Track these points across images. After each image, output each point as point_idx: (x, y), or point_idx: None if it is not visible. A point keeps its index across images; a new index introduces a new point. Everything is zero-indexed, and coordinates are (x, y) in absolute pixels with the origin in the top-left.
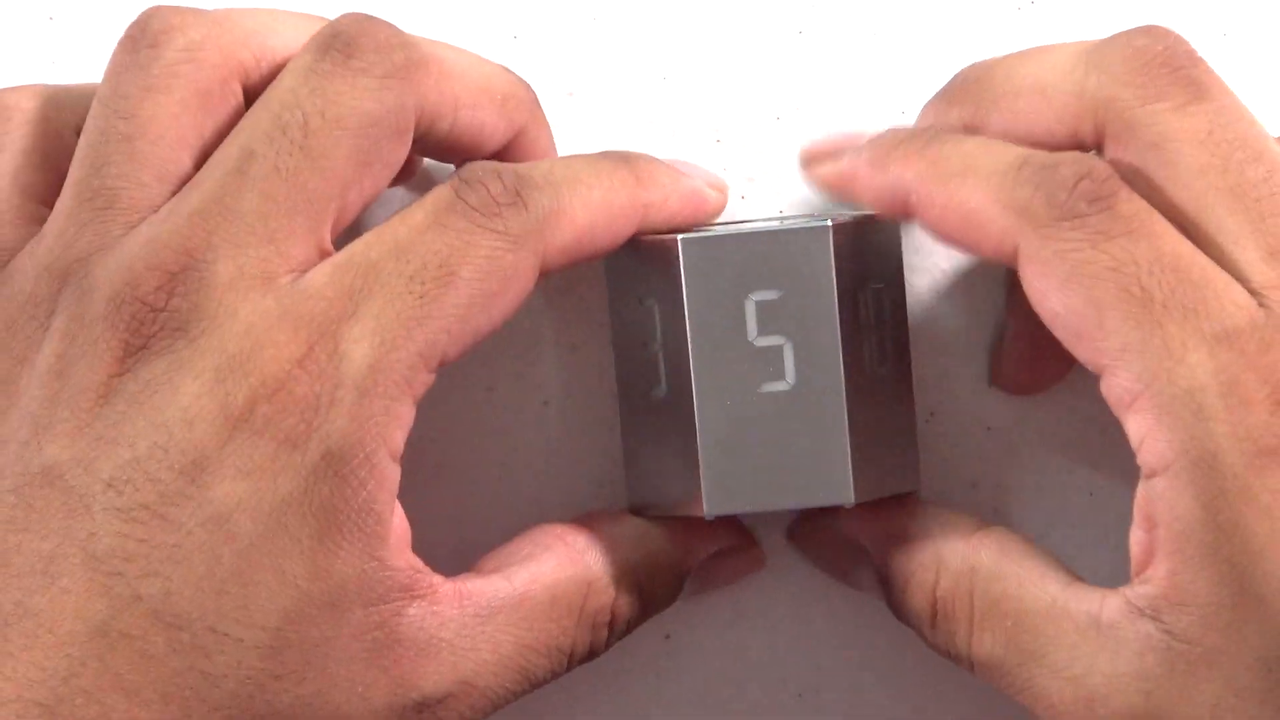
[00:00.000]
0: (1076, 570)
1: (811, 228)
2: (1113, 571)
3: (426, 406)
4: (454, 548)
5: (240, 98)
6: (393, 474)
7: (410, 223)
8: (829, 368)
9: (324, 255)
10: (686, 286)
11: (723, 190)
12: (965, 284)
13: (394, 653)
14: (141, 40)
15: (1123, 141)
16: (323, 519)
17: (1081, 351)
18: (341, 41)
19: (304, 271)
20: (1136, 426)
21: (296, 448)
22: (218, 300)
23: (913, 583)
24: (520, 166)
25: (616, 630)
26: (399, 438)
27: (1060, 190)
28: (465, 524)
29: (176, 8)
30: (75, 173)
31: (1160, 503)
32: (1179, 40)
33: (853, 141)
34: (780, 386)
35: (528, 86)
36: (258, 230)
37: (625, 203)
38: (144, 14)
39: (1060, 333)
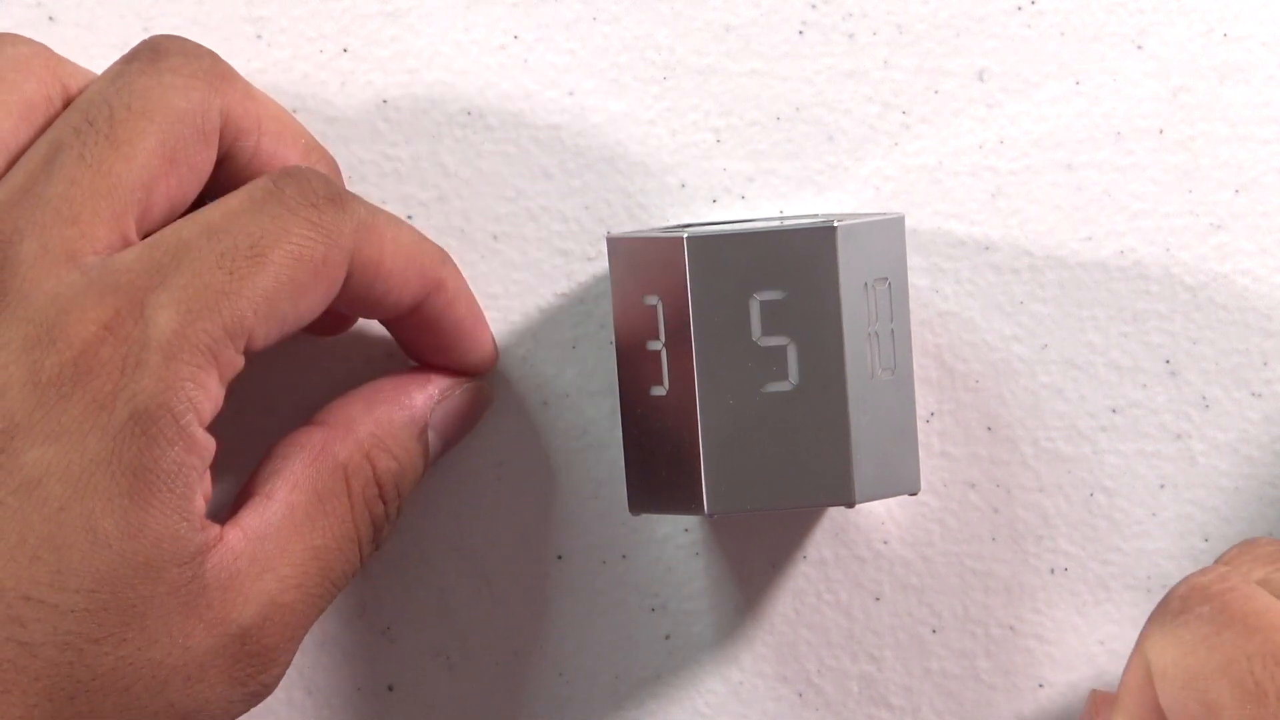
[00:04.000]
0: (1076, 572)
1: (816, 228)
2: (1111, 572)
3: None
4: (454, 547)
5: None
6: (203, 440)
7: (225, 207)
8: (832, 368)
9: (129, 243)
10: (691, 285)
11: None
12: (966, 284)
13: (205, 599)
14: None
15: None
16: (133, 478)
17: None
18: (149, 48)
19: (110, 253)
20: None
21: (104, 409)
22: (23, 276)
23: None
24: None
25: (390, 500)
26: (207, 407)
27: (1172, 591)
28: (465, 524)
29: (8, 33)
30: None
31: None
32: None
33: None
34: (783, 387)
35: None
36: (62, 213)
37: (425, 270)
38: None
39: None
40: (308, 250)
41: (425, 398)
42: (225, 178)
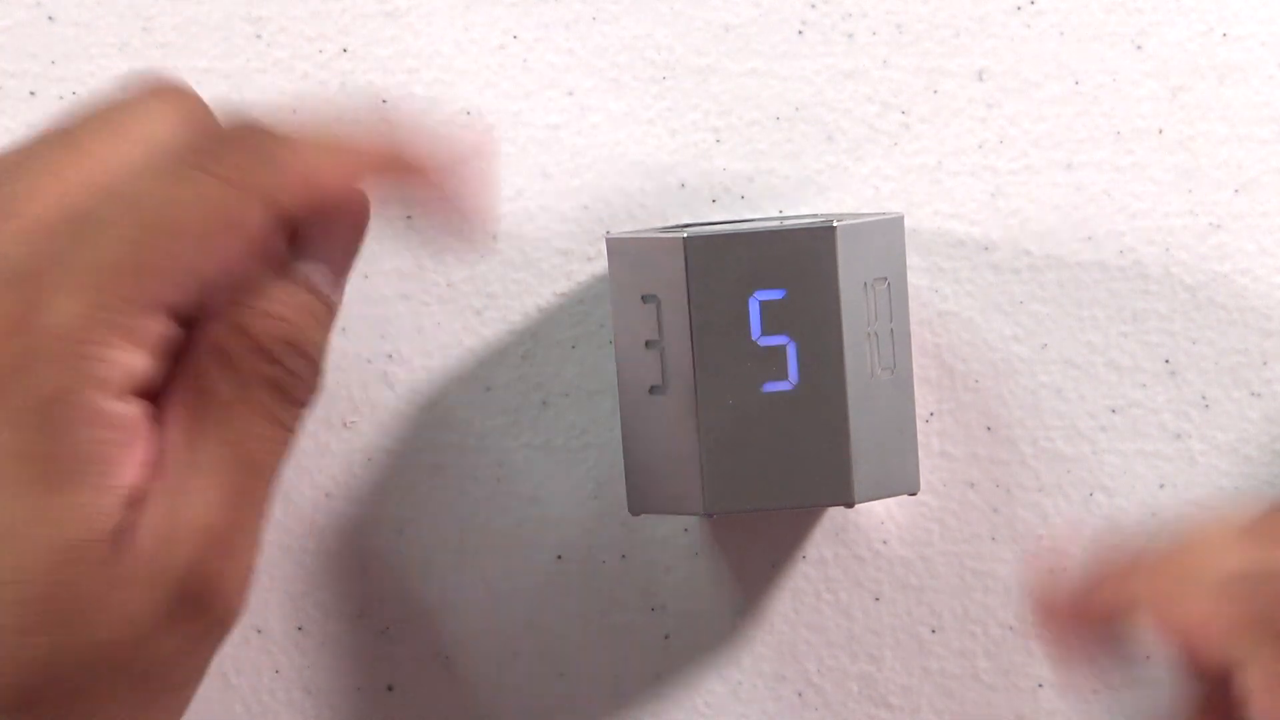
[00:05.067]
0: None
1: (816, 227)
2: None
3: (425, 405)
4: (454, 548)
5: None
6: (121, 412)
7: (135, 173)
8: (832, 368)
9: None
10: (690, 285)
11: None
12: (966, 284)
13: (139, 564)
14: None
15: None
16: (42, 466)
17: None
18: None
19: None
20: None
21: (8, 399)
22: None
23: None
24: (262, 120)
25: (287, 358)
26: (123, 380)
27: (1275, 607)
28: (465, 524)
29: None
30: None
31: None
32: None
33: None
34: (783, 386)
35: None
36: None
37: (368, 154)
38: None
39: None
40: (216, 203)
41: (276, 236)
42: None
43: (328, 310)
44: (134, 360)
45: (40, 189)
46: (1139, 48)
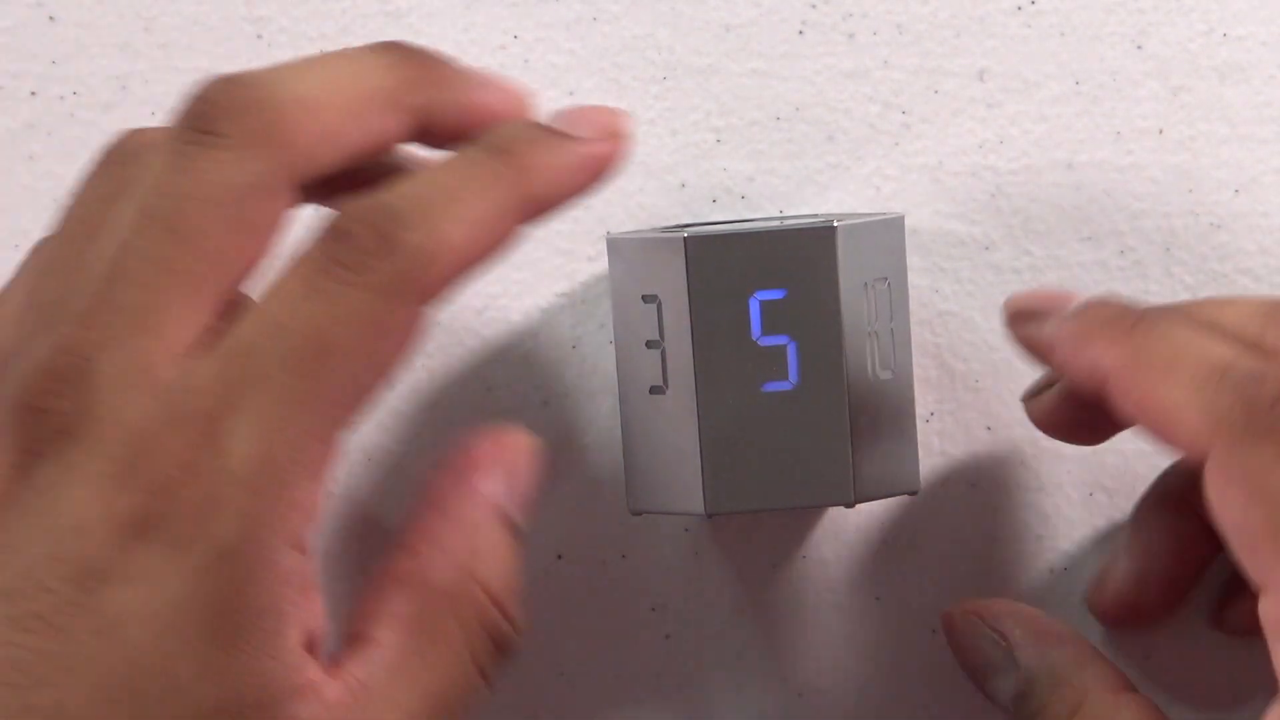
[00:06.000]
0: (1076, 572)
1: (816, 227)
2: None
3: (425, 405)
4: None
5: None
6: (293, 565)
7: (285, 294)
8: (832, 368)
9: (213, 333)
10: (691, 284)
11: (618, 136)
12: (966, 284)
13: None
14: (115, 154)
15: None
16: (215, 620)
17: (1248, 563)
18: (197, 118)
19: (192, 355)
20: None
21: (185, 551)
22: (102, 401)
23: (1047, 713)
24: (392, 197)
25: (509, 608)
26: (300, 525)
27: (1261, 405)
28: None
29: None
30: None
31: None
32: None
33: (1060, 302)
34: (783, 386)
35: (408, 58)
36: (137, 322)
37: (509, 207)
38: (120, 135)
39: (1232, 540)
40: (373, 318)
41: (493, 483)
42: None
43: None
44: (313, 497)
45: (161, 304)
46: (1139, 48)
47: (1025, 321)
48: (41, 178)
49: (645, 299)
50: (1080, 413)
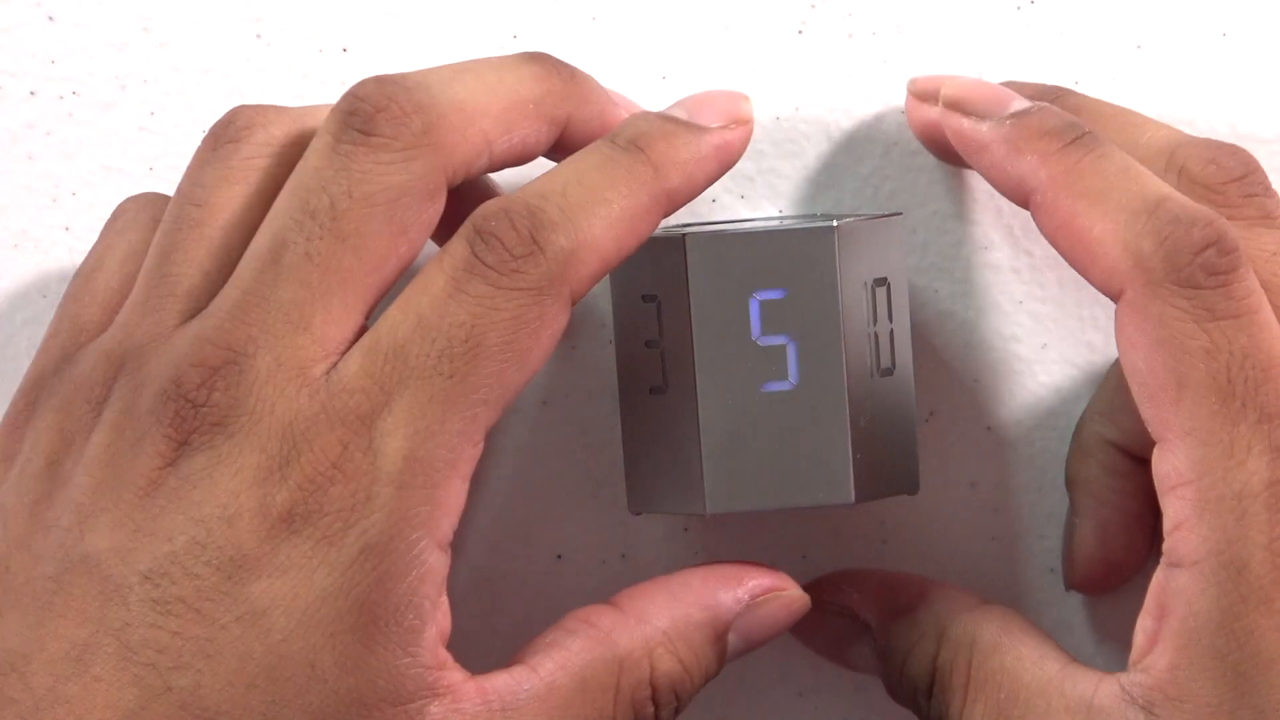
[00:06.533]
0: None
1: (816, 228)
2: None
3: None
4: (454, 548)
5: None
6: (438, 564)
7: (432, 292)
8: (831, 368)
9: (362, 332)
10: (691, 284)
11: (744, 122)
12: (966, 283)
13: None
14: (223, 136)
15: None
16: (359, 614)
17: (1147, 413)
18: (359, 118)
19: (345, 354)
20: (1175, 512)
21: (334, 545)
22: (256, 396)
23: (914, 652)
24: (533, 198)
25: (664, 704)
26: (446, 524)
27: (1183, 253)
28: (464, 524)
29: (260, 106)
30: (148, 260)
31: (1178, 595)
32: (1258, 167)
33: (1001, 102)
34: (783, 386)
35: (556, 70)
36: (294, 319)
37: (648, 203)
38: (229, 112)
39: (1134, 386)
40: (522, 319)
41: (733, 600)
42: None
43: (716, 672)
44: (459, 496)
45: (319, 303)
46: (1139, 48)
47: (961, 115)
48: (41, 178)
49: (645, 299)
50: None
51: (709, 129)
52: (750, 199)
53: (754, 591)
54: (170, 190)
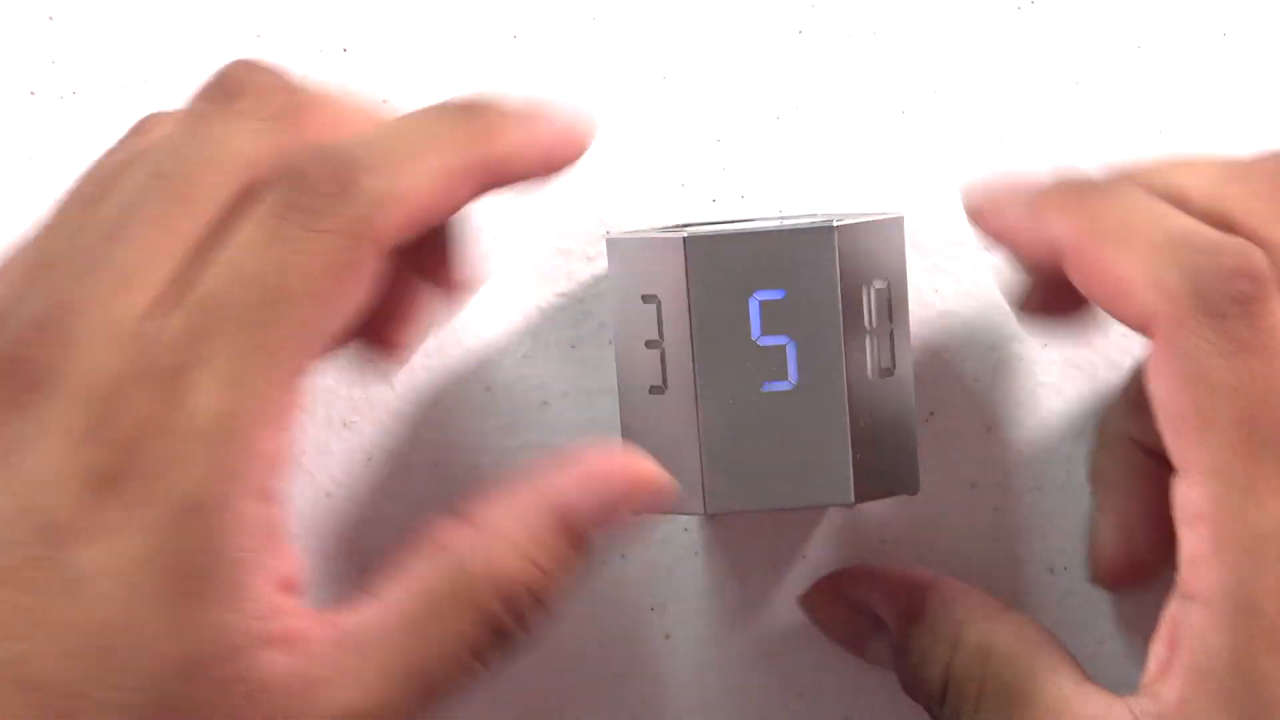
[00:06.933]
0: (1076, 571)
1: (816, 227)
2: None
3: (425, 405)
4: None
5: None
6: (257, 515)
7: (246, 242)
8: (831, 368)
9: (185, 285)
10: (691, 284)
11: (584, 129)
12: (966, 283)
13: (266, 701)
14: (135, 127)
15: None
16: (179, 575)
17: (1170, 441)
18: (220, 88)
19: (162, 310)
20: (1191, 546)
21: (149, 507)
22: (74, 356)
23: (929, 655)
24: (350, 143)
25: (525, 610)
26: (265, 475)
27: (1211, 281)
28: None
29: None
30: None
31: (1190, 630)
32: None
33: (1019, 188)
34: (783, 386)
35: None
36: (126, 278)
37: (470, 164)
38: (143, 117)
39: (1159, 415)
40: (329, 262)
41: (580, 491)
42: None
43: (582, 565)
44: (280, 442)
45: (154, 263)
46: (1139, 48)
47: (987, 215)
48: (41, 178)
49: (645, 299)
50: (1055, 290)
51: (547, 118)
52: (750, 199)
53: (599, 477)
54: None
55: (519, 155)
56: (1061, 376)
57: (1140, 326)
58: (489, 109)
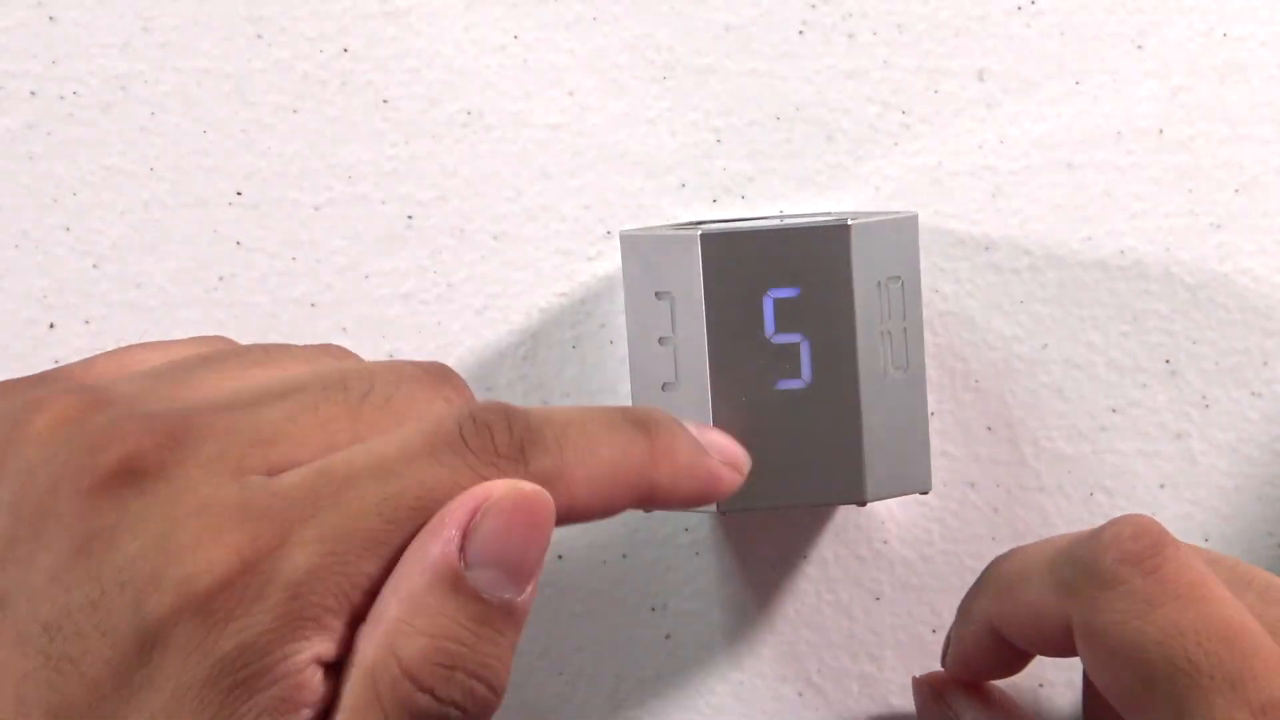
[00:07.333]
0: None
1: (830, 225)
2: None
3: None
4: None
5: None
6: (312, 685)
7: (404, 445)
8: (845, 366)
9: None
10: (705, 281)
11: (740, 470)
12: (966, 284)
13: None
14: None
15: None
16: (220, 712)
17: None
18: (440, 371)
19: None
20: None
21: (211, 633)
22: (185, 473)
23: None
24: (535, 417)
25: (440, 682)
26: (327, 649)
27: (1102, 556)
28: None
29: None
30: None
31: None
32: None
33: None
34: (796, 384)
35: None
36: (262, 434)
37: (631, 480)
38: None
39: (1115, 703)
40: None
41: (442, 542)
42: None
43: (507, 617)
44: (336, 633)
45: (308, 439)
46: (1139, 48)
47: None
48: (41, 178)
49: (658, 295)
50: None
51: (709, 455)
52: (750, 199)
53: (459, 523)
54: (171, 193)
55: (677, 486)
56: (1062, 376)
57: (1066, 640)
58: (665, 431)
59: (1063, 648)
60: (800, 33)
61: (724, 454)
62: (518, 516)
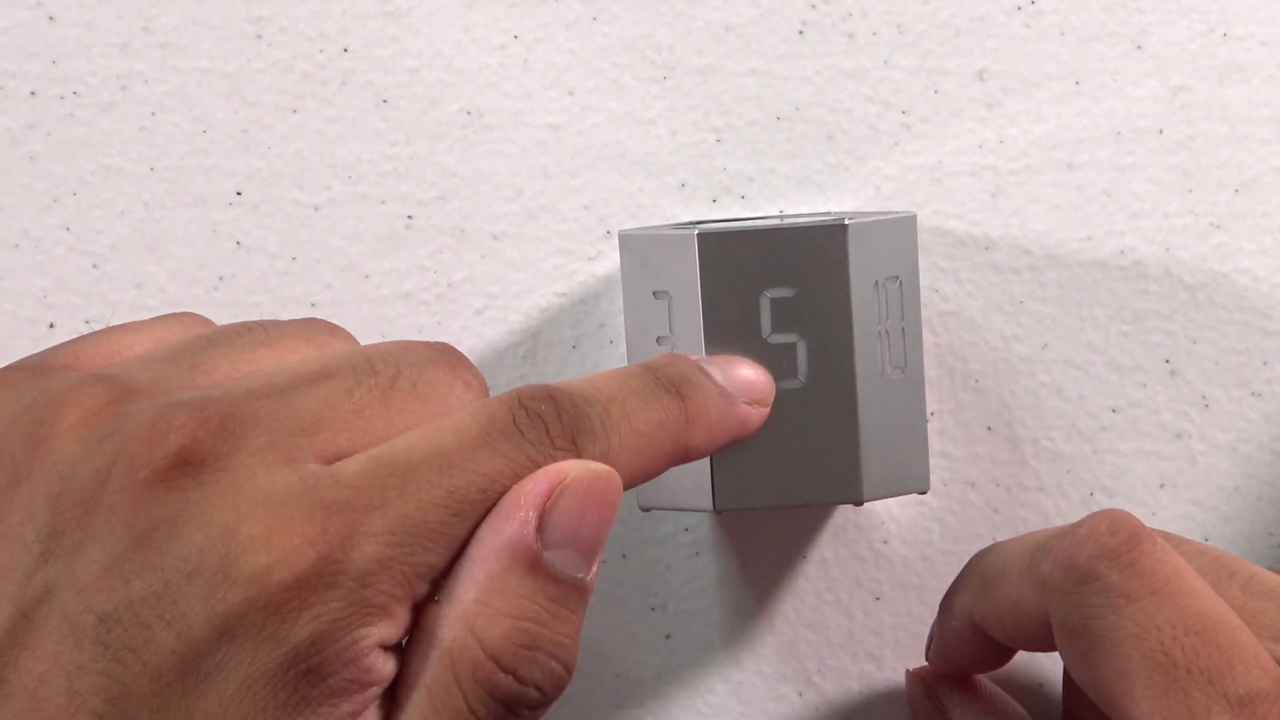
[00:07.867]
0: None
1: (828, 225)
2: None
3: None
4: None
5: None
6: (379, 667)
7: (461, 435)
8: (842, 367)
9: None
10: (702, 281)
11: (765, 402)
12: (966, 284)
13: None
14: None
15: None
16: (292, 696)
17: (1114, 716)
18: (454, 356)
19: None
20: None
21: (285, 623)
22: (240, 463)
23: None
24: (579, 398)
25: (521, 667)
26: (393, 635)
27: (1079, 551)
28: None
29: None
30: (191, 338)
31: None
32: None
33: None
34: (793, 384)
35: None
36: (304, 422)
37: (669, 448)
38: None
39: (1094, 698)
40: (513, 473)
41: (519, 524)
42: None
43: (579, 595)
44: (407, 618)
45: (347, 426)
46: (1139, 48)
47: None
48: (42, 178)
49: (656, 294)
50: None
51: (737, 401)
52: (750, 199)
53: (535, 504)
54: (171, 193)
55: (711, 442)
56: (1062, 376)
57: (1044, 634)
58: (696, 391)
59: (1042, 643)
60: (800, 33)
61: (750, 392)
62: (592, 497)
